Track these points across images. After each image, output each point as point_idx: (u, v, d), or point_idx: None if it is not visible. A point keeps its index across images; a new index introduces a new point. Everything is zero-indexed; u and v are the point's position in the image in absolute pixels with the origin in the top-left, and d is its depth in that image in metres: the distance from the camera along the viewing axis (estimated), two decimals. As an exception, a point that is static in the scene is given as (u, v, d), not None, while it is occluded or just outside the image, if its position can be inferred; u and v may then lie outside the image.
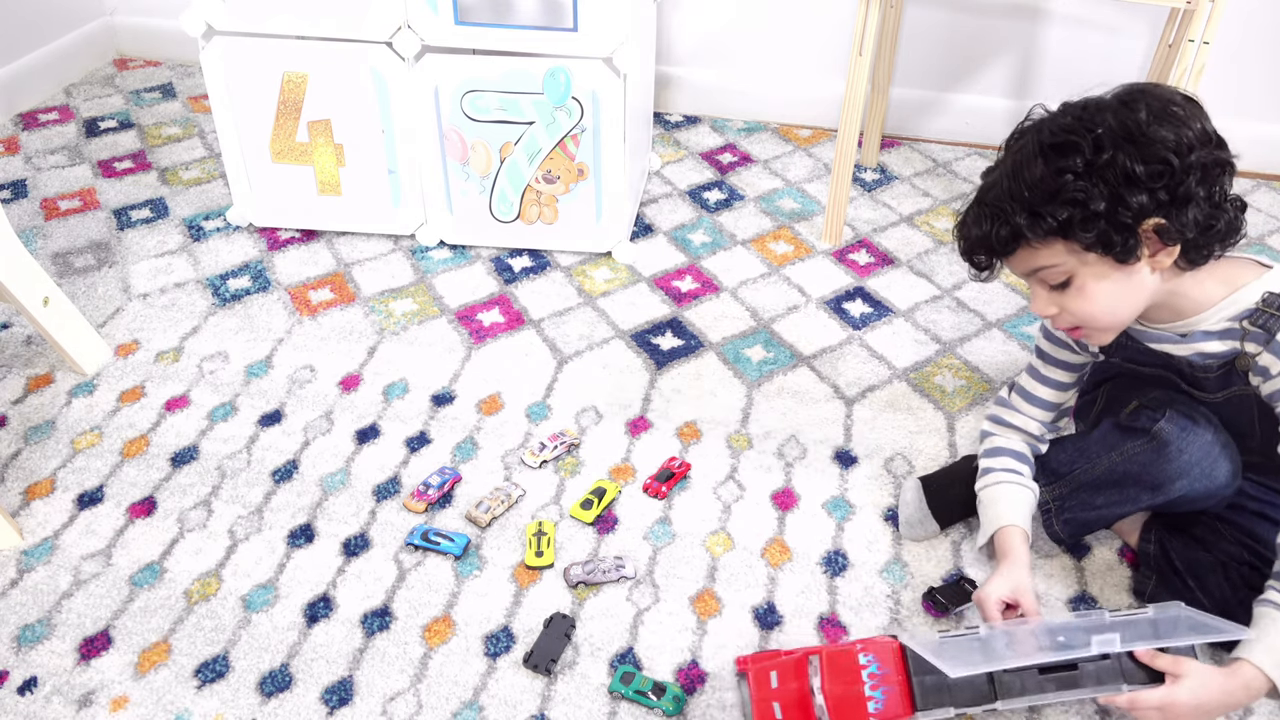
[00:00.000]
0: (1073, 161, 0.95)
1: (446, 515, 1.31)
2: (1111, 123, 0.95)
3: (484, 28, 1.62)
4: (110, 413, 1.46)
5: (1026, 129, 1.02)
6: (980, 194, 1.04)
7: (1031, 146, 0.99)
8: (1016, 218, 0.98)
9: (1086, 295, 1.01)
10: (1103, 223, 0.95)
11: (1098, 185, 0.94)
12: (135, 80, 2.41)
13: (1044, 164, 0.97)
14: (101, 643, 1.14)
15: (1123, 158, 0.94)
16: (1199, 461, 1.08)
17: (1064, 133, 0.97)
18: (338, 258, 1.81)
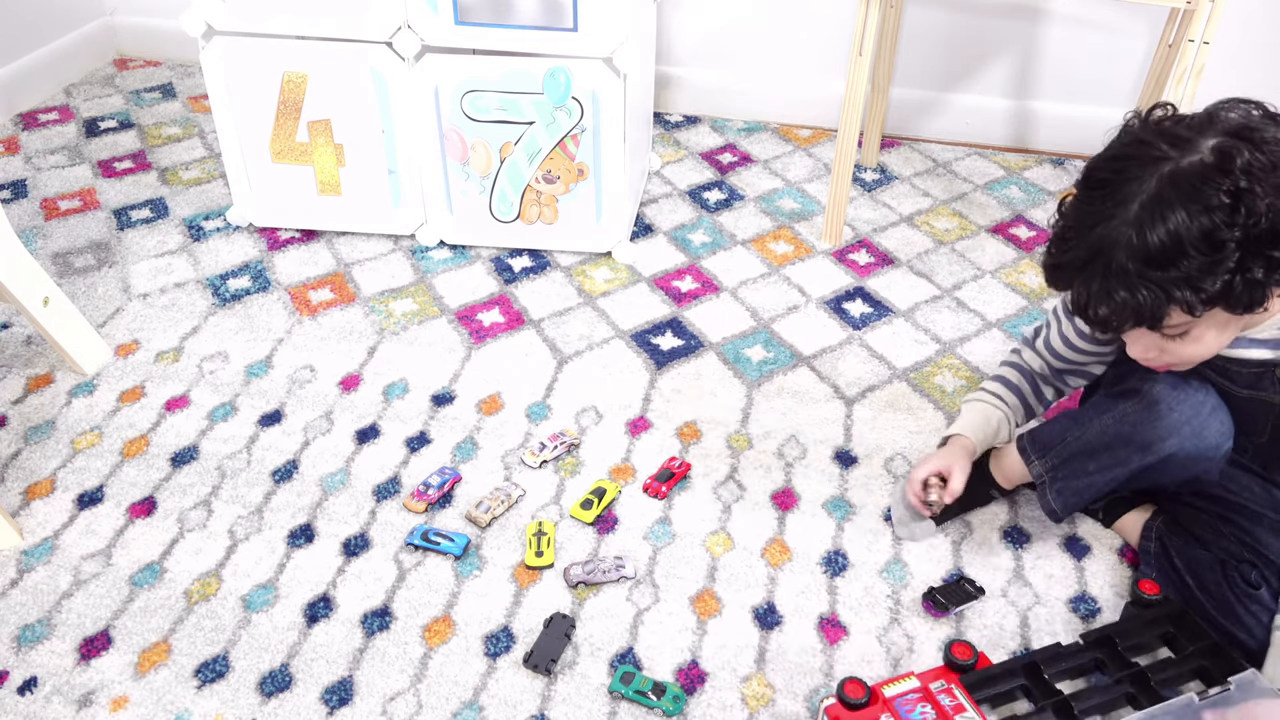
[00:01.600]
0: (1226, 224, 0.87)
1: (446, 515, 1.31)
2: (1256, 163, 0.87)
3: (484, 28, 1.62)
4: (110, 413, 1.46)
5: (1144, 161, 0.91)
6: (1106, 255, 0.91)
7: (1169, 198, 0.88)
8: (1179, 294, 0.89)
9: (1201, 343, 0.99)
10: (1250, 288, 0.90)
11: (1252, 250, 0.88)
12: (135, 80, 2.41)
13: (1194, 225, 0.87)
14: (101, 643, 1.14)
15: (1273, 218, 0.87)
16: (1189, 419, 1.08)
17: (1205, 184, 0.87)
18: (338, 258, 1.81)
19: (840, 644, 1.16)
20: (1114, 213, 0.91)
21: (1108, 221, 0.91)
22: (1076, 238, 0.94)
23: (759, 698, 1.10)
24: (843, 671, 1.12)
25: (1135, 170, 0.91)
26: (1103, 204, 0.92)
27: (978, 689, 1.04)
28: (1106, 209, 0.92)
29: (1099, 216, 0.92)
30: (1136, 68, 2.04)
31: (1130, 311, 0.91)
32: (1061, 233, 0.97)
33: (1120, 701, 1.05)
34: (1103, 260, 0.91)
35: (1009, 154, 2.19)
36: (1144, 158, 0.91)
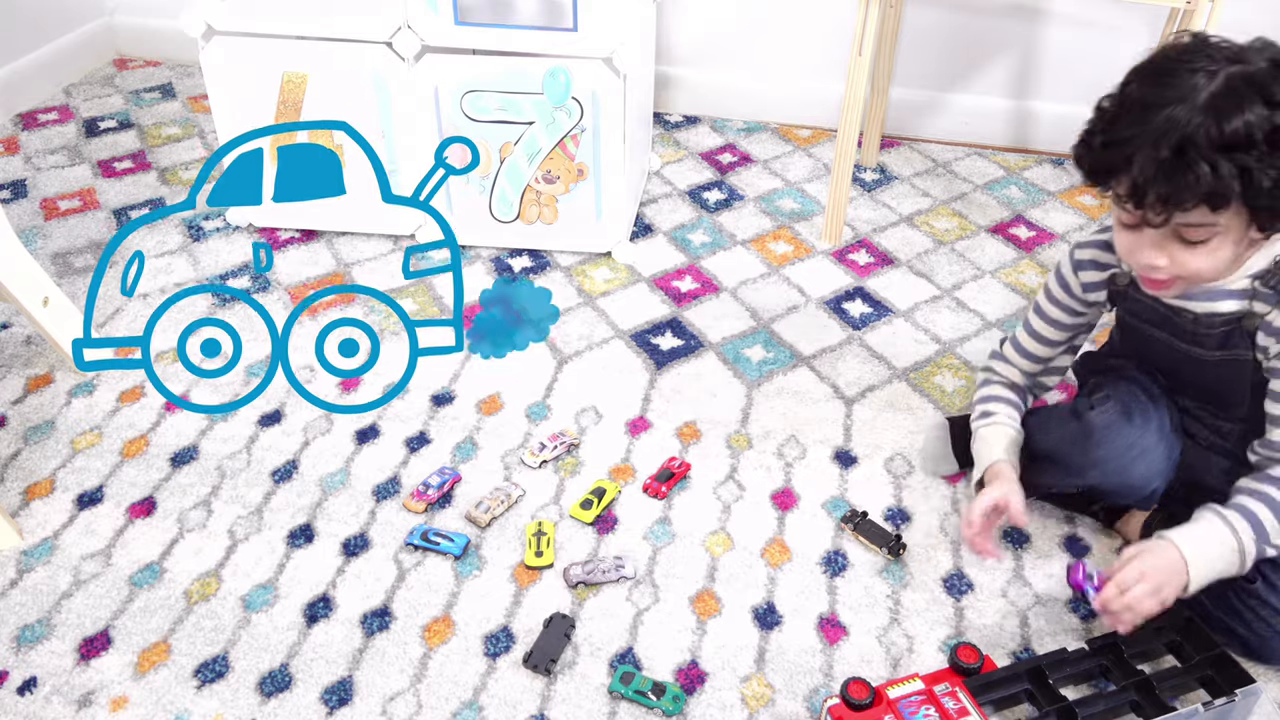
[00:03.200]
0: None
1: (446, 515, 1.31)
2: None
3: (484, 28, 1.62)
4: (110, 413, 1.46)
5: (1209, 57, 0.94)
6: (1180, 131, 0.91)
7: (1243, 90, 0.91)
8: (1228, 178, 0.91)
9: (1214, 255, 0.99)
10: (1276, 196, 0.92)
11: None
12: (135, 80, 2.41)
13: (1266, 117, 0.90)
14: (101, 643, 1.14)
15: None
16: (1116, 457, 1.12)
17: (1273, 83, 0.91)
18: (338, 258, 1.81)
19: (840, 644, 1.16)
20: (1181, 97, 0.92)
21: (1175, 105, 0.92)
22: (1134, 119, 0.94)
23: (759, 698, 1.10)
24: (843, 672, 1.12)
25: (1197, 65, 0.93)
26: (1165, 90, 0.93)
27: (982, 693, 1.04)
28: (1170, 95, 0.92)
29: (1164, 100, 0.93)
30: (1136, 68, 2.04)
31: (1206, 188, 0.91)
32: (1111, 114, 0.97)
33: (1125, 709, 1.05)
34: (1175, 138, 0.91)
35: (1009, 154, 2.19)
36: (1202, 59, 0.94)
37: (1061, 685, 1.05)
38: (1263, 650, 1.10)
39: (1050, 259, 1.83)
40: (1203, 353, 1.11)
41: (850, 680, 1.00)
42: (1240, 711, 1.02)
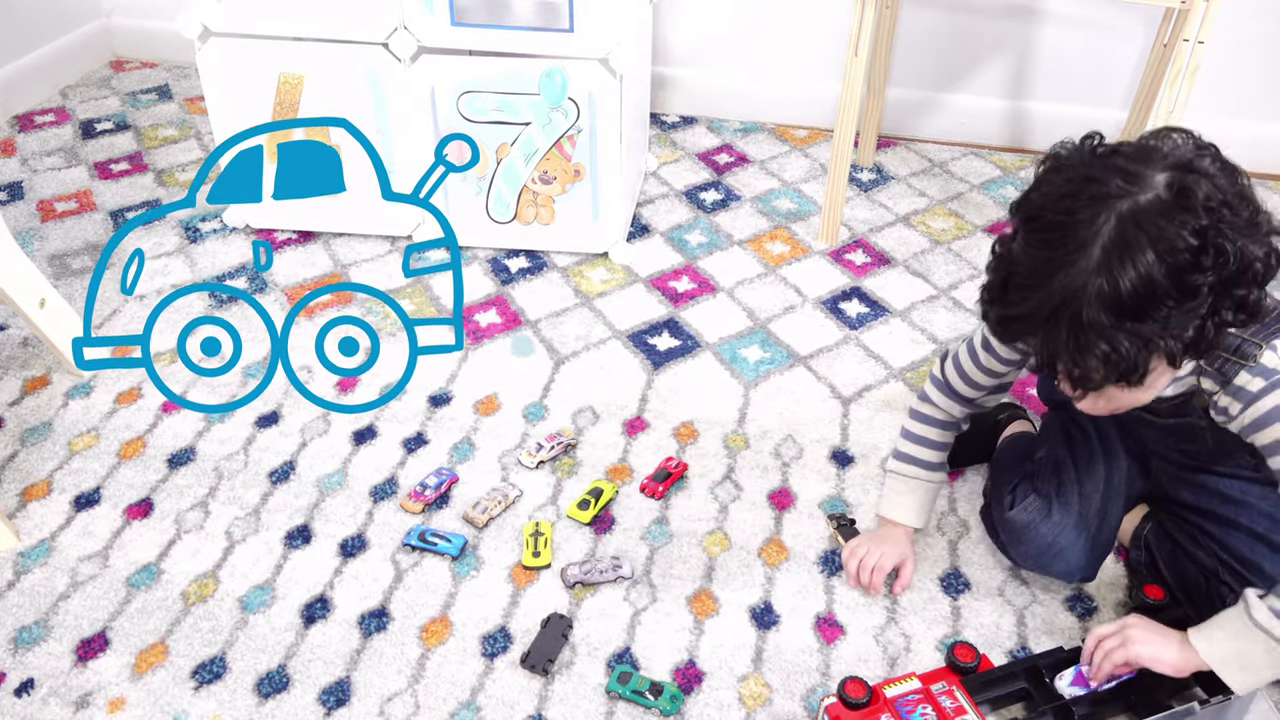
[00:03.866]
0: (1198, 267, 0.81)
1: (443, 516, 1.31)
2: (1214, 198, 0.81)
3: (480, 29, 1.62)
4: (107, 414, 1.46)
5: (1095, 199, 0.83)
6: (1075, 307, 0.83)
7: (1136, 241, 0.81)
8: (1162, 341, 0.83)
9: (1153, 389, 0.93)
10: (1223, 333, 0.87)
11: (1224, 293, 0.83)
12: (131, 82, 2.41)
13: (1166, 270, 0.80)
14: (99, 644, 1.14)
15: (1248, 253, 0.82)
16: (1032, 556, 1.18)
17: (1169, 223, 0.81)
18: (335, 259, 1.81)
19: (837, 643, 1.16)
20: (1073, 259, 0.82)
21: (1068, 269, 0.82)
22: (1032, 287, 0.85)
23: (756, 697, 1.10)
24: (840, 671, 1.13)
25: (1088, 210, 0.83)
26: (1058, 249, 0.83)
27: (979, 691, 1.04)
28: (1063, 255, 0.83)
29: (1057, 264, 0.83)
30: (1132, 68, 2.04)
31: (1112, 365, 0.83)
32: (1011, 281, 0.87)
33: (1121, 708, 1.05)
34: (1071, 312, 0.82)
35: (1005, 154, 2.19)
36: (1096, 195, 0.83)
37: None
38: None
39: (1046, 258, 1.83)
40: (1155, 419, 1.08)
41: (847, 679, 1.01)
42: (1236, 710, 1.03)
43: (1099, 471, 1.17)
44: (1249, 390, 0.95)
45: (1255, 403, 0.95)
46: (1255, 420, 0.96)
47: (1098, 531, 1.16)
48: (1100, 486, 1.16)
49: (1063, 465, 1.18)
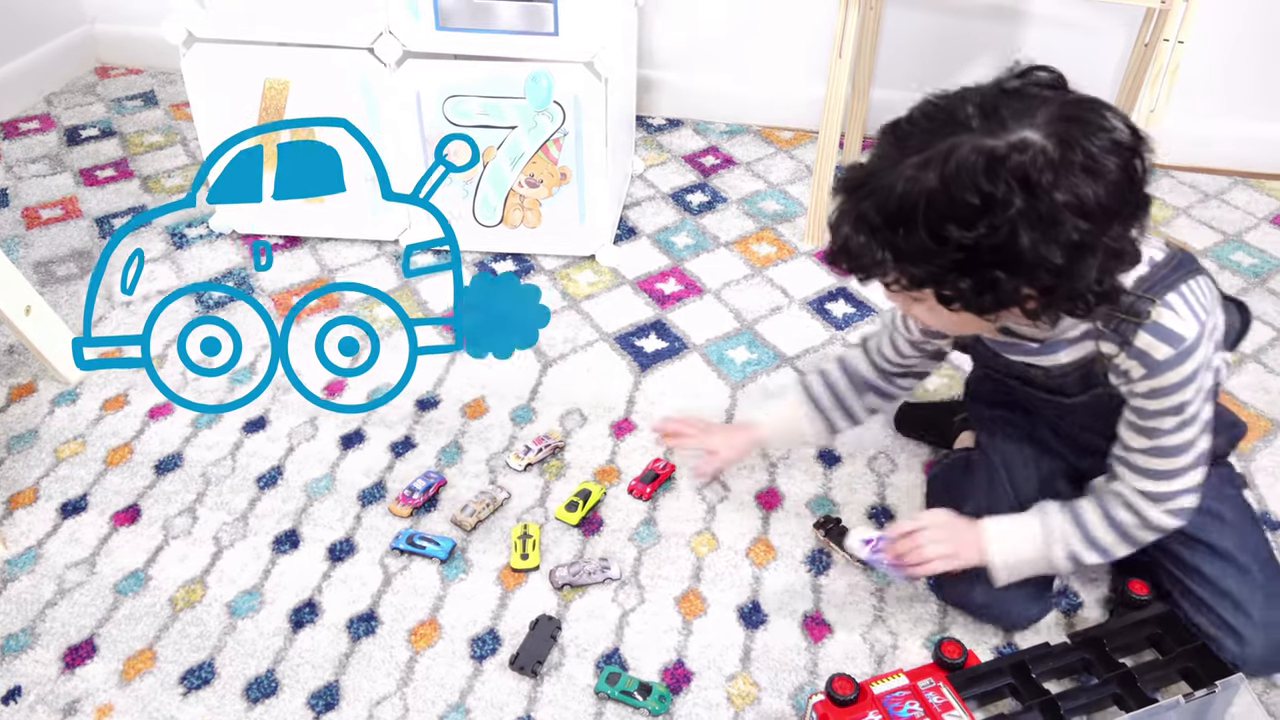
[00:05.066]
0: (960, 231, 0.82)
1: (431, 519, 1.31)
2: (1027, 165, 0.80)
3: (465, 33, 1.62)
4: (93, 421, 1.45)
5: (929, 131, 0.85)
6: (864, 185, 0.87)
7: (933, 180, 0.82)
8: (884, 255, 0.86)
9: (937, 315, 0.93)
10: (963, 296, 0.86)
11: (974, 262, 0.83)
12: (117, 88, 2.41)
13: (929, 204, 0.82)
14: (86, 651, 1.14)
15: (1016, 243, 0.81)
16: (970, 614, 1.18)
17: (963, 185, 0.81)
18: (321, 264, 1.81)
19: (825, 642, 1.16)
20: (898, 156, 0.85)
21: (892, 163, 0.85)
22: (865, 167, 0.89)
23: (744, 696, 1.10)
24: (828, 669, 1.13)
25: (920, 138, 0.85)
26: (897, 145, 0.87)
27: (966, 687, 1.04)
28: (897, 152, 0.86)
29: (888, 158, 0.86)
30: (1114, 68, 2.05)
31: (843, 252, 0.89)
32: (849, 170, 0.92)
33: (1107, 702, 1.06)
34: (861, 193, 0.87)
35: (990, 154, 2.20)
36: (953, 119, 0.84)
37: (1045, 679, 1.06)
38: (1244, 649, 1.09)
39: (1031, 258, 1.84)
40: (1067, 400, 1.09)
41: (835, 676, 1.01)
42: (1221, 703, 1.03)
43: None
44: (1153, 356, 0.94)
45: (1162, 373, 0.94)
46: (1153, 389, 0.96)
47: (1034, 580, 1.13)
48: None
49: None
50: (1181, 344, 0.93)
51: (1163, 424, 0.98)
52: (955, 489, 1.24)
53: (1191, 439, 0.99)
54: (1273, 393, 1.52)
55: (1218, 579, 1.09)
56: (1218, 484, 1.11)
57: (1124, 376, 0.99)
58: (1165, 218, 1.97)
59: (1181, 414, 0.97)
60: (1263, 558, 1.11)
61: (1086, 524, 1.06)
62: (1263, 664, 1.09)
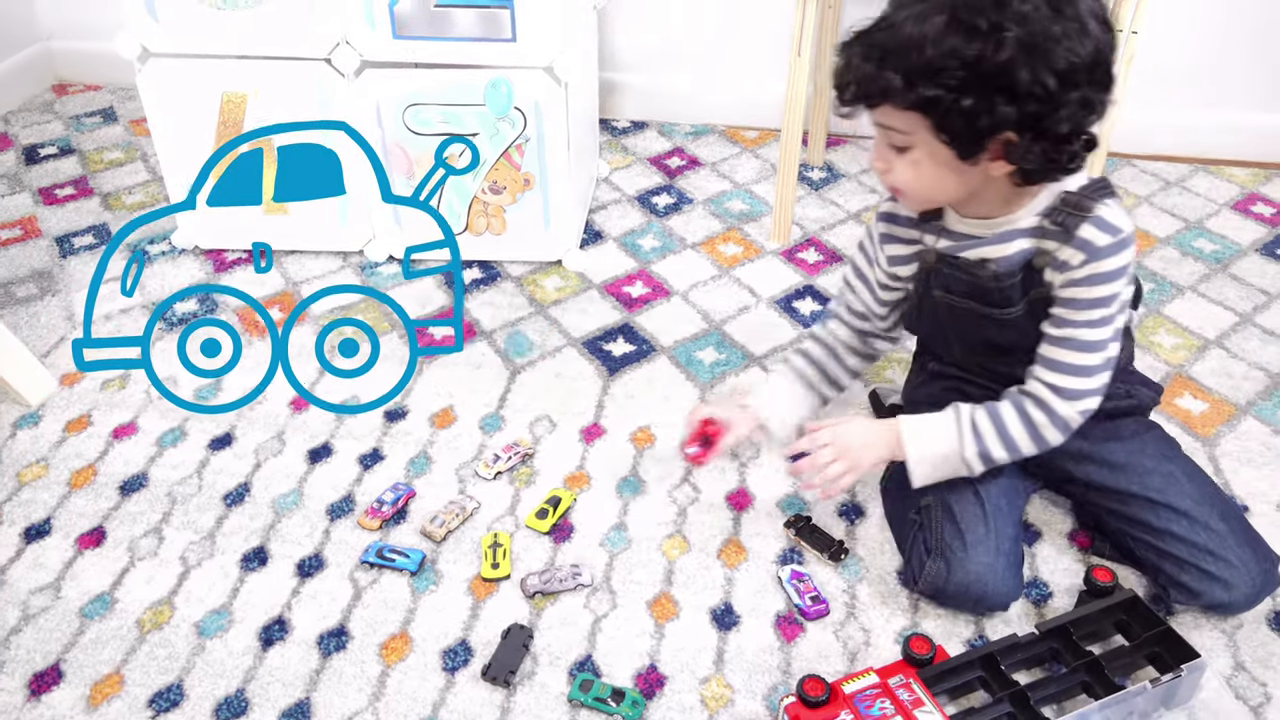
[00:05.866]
0: (968, 47, 0.92)
1: (401, 531, 1.30)
2: (1029, 12, 0.91)
3: (423, 41, 1.62)
4: (56, 443, 1.44)
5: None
6: (876, 29, 0.98)
7: (945, 6, 0.93)
8: (892, 76, 0.95)
9: (918, 170, 1.03)
10: (962, 120, 0.95)
11: (977, 81, 0.92)
12: (75, 105, 2.38)
13: (941, 31, 0.92)
14: (52, 677, 1.12)
15: (1015, 67, 0.91)
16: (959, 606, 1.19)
17: (977, 11, 0.92)
18: (286, 277, 1.79)
19: (798, 641, 1.16)
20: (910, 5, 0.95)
21: (900, 6, 0.97)
22: (874, 26, 0.99)
23: (718, 699, 1.10)
24: (801, 669, 1.13)
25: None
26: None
27: (936, 682, 1.05)
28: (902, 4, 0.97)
29: (896, 6, 0.97)
30: (1073, 58, 2.07)
31: (851, 79, 0.99)
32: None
33: (1076, 690, 1.07)
34: (873, 31, 0.98)
35: (953, 148, 2.21)
36: None
37: (1014, 670, 1.07)
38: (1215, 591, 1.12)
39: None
40: (1010, 312, 1.13)
41: (805, 678, 1.01)
42: (1187, 686, 1.04)
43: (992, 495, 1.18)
44: (1094, 244, 1.03)
45: (1102, 259, 1.03)
46: (1090, 275, 1.04)
47: (1010, 552, 1.16)
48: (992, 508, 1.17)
49: (950, 508, 1.18)
50: (1119, 234, 1.02)
51: (1089, 315, 1.06)
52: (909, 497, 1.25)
53: (1106, 338, 1.07)
54: (1235, 378, 1.54)
55: (1190, 536, 1.12)
56: (1161, 446, 1.20)
57: (1063, 268, 1.05)
58: (1128, 206, 1.98)
59: (1106, 307, 1.05)
60: (1221, 503, 1.15)
61: (1001, 419, 1.12)
62: (1251, 600, 1.13)
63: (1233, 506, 1.18)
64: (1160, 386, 1.29)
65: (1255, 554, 1.12)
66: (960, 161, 0.99)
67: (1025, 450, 1.13)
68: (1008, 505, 1.18)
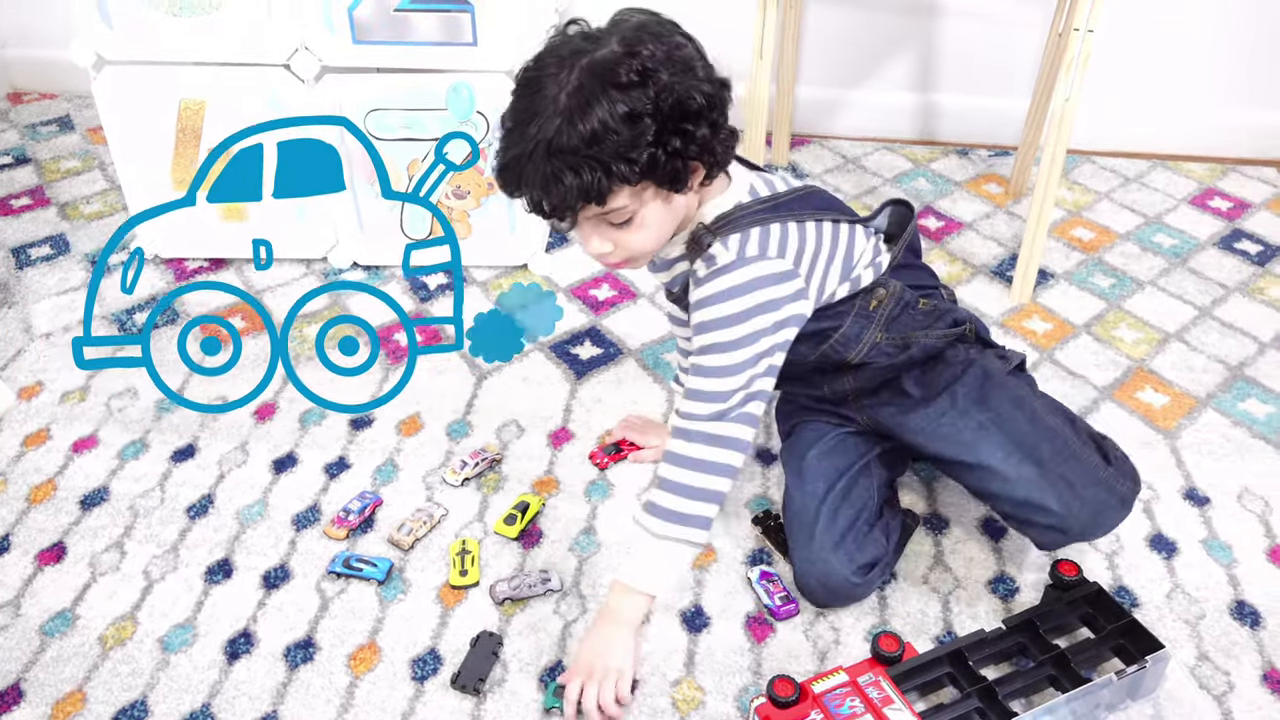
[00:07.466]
0: (643, 102, 0.94)
1: (368, 540, 1.29)
2: (658, 52, 0.96)
3: (383, 45, 1.60)
4: (14, 458, 1.41)
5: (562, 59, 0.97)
6: (545, 144, 0.95)
7: (590, 84, 0.94)
8: (614, 167, 0.95)
9: (645, 228, 1.04)
10: (675, 160, 0.97)
11: (668, 122, 0.96)
12: (30, 114, 2.35)
13: (615, 104, 0.94)
14: (12, 697, 1.10)
15: (684, 91, 0.96)
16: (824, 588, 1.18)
17: (618, 67, 0.94)
18: (248, 285, 1.77)
19: (768, 641, 1.16)
20: (545, 107, 0.95)
21: (540, 116, 0.95)
22: (516, 136, 0.98)
23: (689, 701, 1.10)
24: (771, 669, 1.13)
25: (555, 67, 0.96)
26: (533, 100, 0.97)
27: (905, 680, 1.05)
28: (537, 104, 0.96)
29: (532, 112, 0.96)
30: (1033, 57, 2.08)
31: (577, 191, 0.96)
32: (504, 136, 1.00)
33: (1044, 684, 1.08)
34: (542, 150, 0.95)
35: (915, 146, 2.23)
36: (562, 54, 0.97)
37: (981, 666, 1.07)
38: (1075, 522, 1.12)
39: (959, 248, 1.87)
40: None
41: (775, 679, 1.01)
42: (1152, 677, 1.05)
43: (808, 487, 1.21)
44: (698, 274, 1.08)
45: (701, 285, 1.07)
46: (696, 299, 1.08)
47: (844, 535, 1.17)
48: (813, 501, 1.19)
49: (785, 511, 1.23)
50: (714, 263, 1.06)
51: (705, 339, 1.07)
52: None
53: (728, 364, 1.07)
54: (1196, 370, 1.56)
55: (1006, 492, 1.13)
56: (974, 390, 1.17)
57: (697, 281, 1.09)
58: (1088, 202, 2.00)
59: (718, 331, 1.06)
60: (1032, 442, 1.12)
61: (661, 479, 1.10)
62: (1093, 528, 1.13)
63: (1047, 439, 1.13)
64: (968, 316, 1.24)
65: (1073, 489, 1.10)
66: (676, 195, 1.02)
67: (703, 484, 1.08)
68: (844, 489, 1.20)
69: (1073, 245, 1.87)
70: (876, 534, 1.20)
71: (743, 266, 1.06)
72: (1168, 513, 1.31)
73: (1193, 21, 2.05)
